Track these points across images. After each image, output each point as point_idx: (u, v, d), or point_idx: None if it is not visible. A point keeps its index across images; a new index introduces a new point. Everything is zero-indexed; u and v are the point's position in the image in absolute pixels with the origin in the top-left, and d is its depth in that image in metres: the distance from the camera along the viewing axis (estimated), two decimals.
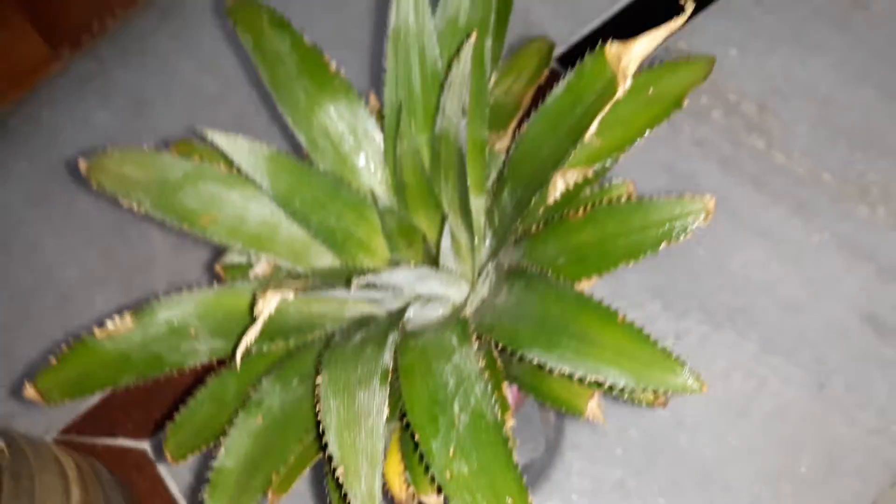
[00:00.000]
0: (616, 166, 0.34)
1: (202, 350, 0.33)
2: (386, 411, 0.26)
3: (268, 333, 0.33)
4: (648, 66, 0.33)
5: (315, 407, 0.28)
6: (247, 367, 0.34)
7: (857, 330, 0.52)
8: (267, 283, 0.34)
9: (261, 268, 0.36)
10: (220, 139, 0.33)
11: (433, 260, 0.34)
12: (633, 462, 0.51)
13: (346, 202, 0.35)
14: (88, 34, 0.66)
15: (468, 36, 0.30)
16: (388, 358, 0.28)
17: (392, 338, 0.29)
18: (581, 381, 0.28)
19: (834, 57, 0.60)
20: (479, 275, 0.34)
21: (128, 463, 0.54)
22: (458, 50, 0.30)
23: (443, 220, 0.33)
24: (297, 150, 0.38)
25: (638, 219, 0.30)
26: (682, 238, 0.30)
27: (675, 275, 0.56)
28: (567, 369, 0.28)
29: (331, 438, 0.26)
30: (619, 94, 0.27)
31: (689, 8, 0.28)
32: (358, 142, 0.36)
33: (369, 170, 0.36)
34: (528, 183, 0.31)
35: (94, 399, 0.57)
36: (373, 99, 0.39)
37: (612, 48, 0.28)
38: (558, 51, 0.63)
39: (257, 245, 0.35)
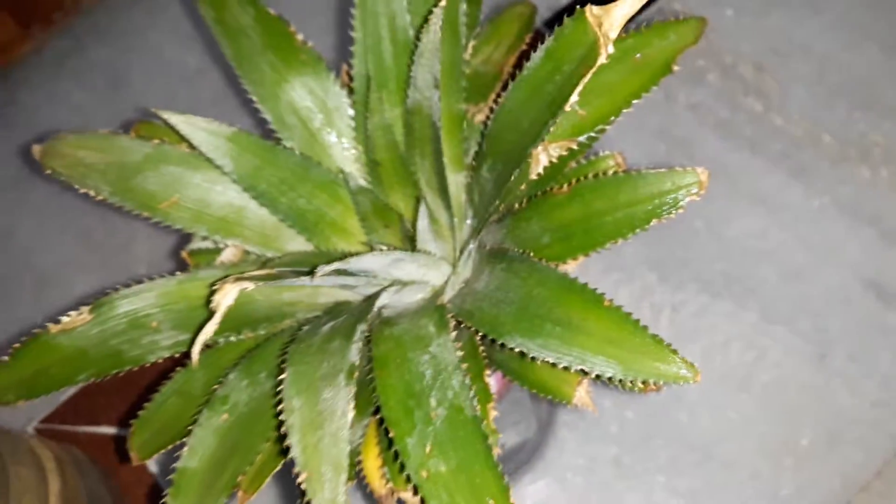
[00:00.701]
0: (608, 135, 0.32)
1: (164, 344, 0.31)
2: (351, 412, 0.24)
3: (233, 324, 0.31)
4: (636, 28, 0.31)
5: (277, 406, 0.26)
6: (215, 359, 0.32)
7: (859, 297, 0.50)
8: (227, 273, 0.32)
9: (228, 254, 0.34)
10: (176, 120, 0.31)
11: (412, 241, 0.32)
12: (628, 439, 0.49)
13: (316, 182, 0.33)
14: (61, 11, 0.63)
15: (439, 2, 0.28)
16: (354, 352, 0.26)
17: (360, 330, 0.27)
18: (566, 369, 0.26)
19: (832, 14, 0.57)
20: (461, 255, 0.32)
21: (110, 450, 0.53)
22: (428, 17, 0.27)
23: (418, 199, 0.31)
24: (266, 129, 0.35)
25: (626, 194, 0.28)
26: (673, 214, 0.28)
27: (672, 245, 0.53)
28: (551, 358, 0.26)
29: (293, 441, 0.24)
30: (601, 60, 0.25)
31: None
32: (329, 117, 0.34)
33: (341, 147, 0.34)
34: (507, 158, 0.29)
35: (75, 386, 0.55)
36: (346, 71, 0.37)
37: (592, 11, 0.25)
38: (546, 14, 0.60)
39: (223, 230, 0.33)
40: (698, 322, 0.51)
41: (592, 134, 0.29)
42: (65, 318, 0.31)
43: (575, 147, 0.29)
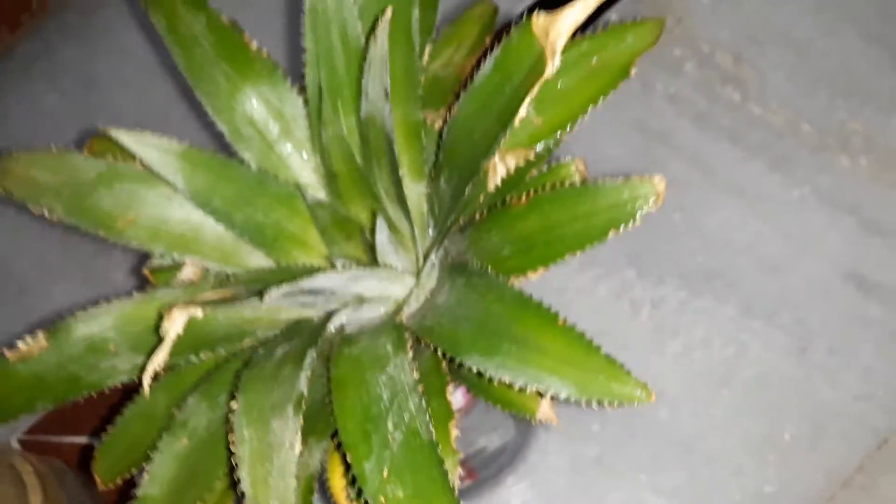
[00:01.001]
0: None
1: (123, 368, 0.30)
2: (299, 446, 0.24)
3: (191, 345, 0.30)
4: (593, 31, 0.30)
5: (227, 437, 0.25)
6: (175, 381, 0.31)
7: (839, 288, 0.50)
8: (186, 292, 0.31)
9: (188, 272, 0.33)
10: (125, 138, 0.30)
11: (374, 251, 0.32)
12: (611, 438, 0.49)
13: (273, 196, 0.32)
14: (28, 13, 0.62)
15: (392, 10, 0.27)
16: (303, 381, 0.25)
17: (311, 356, 0.26)
18: (522, 390, 0.25)
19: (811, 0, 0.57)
20: (424, 266, 0.31)
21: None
22: (373, 28, 0.27)
23: (374, 213, 0.30)
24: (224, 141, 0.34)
25: (583, 205, 0.27)
26: (630, 224, 0.27)
27: (650, 239, 0.53)
28: (507, 378, 0.25)
29: (243, 474, 0.24)
30: (549, 71, 0.24)
31: None
32: (286, 127, 0.33)
33: (300, 158, 0.33)
34: (462, 170, 0.28)
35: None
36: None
37: (538, 20, 0.25)
38: (526, 1, 0.59)
39: (181, 247, 0.32)
40: (679, 318, 0.51)
41: (550, 142, 0.29)
42: (21, 345, 0.31)
43: (532, 157, 0.29)
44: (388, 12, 0.26)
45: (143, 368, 0.31)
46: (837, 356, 0.48)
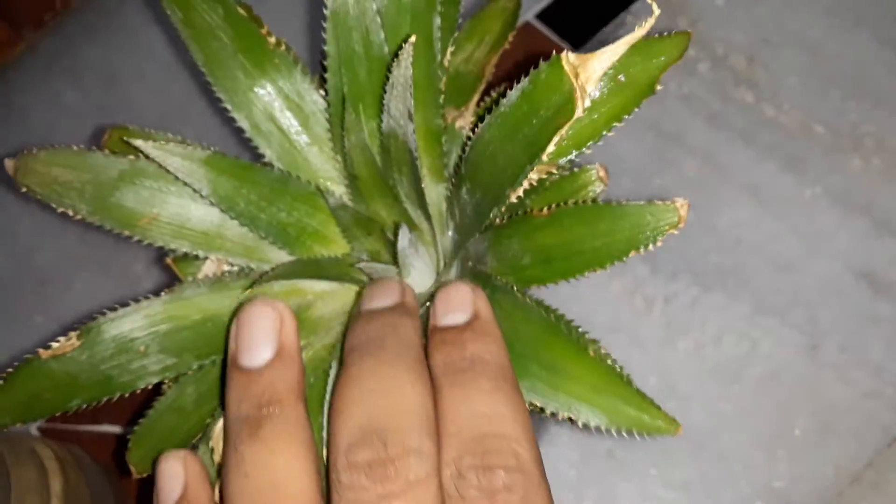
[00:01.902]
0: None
1: (152, 370, 0.31)
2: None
3: (216, 344, 0.31)
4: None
5: None
6: (203, 375, 0.32)
7: (851, 287, 0.50)
8: (212, 288, 0.32)
9: (210, 266, 0.34)
10: (148, 147, 0.30)
11: (394, 247, 0.32)
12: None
13: (295, 195, 0.32)
14: (51, 12, 0.63)
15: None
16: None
17: (334, 367, 0.28)
18: (553, 415, 0.27)
19: (825, 3, 0.57)
20: (444, 269, 0.32)
21: (111, 449, 0.53)
22: (397, 53, 0.27)
23: (396, 224, 0.31)
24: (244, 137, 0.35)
25: (605, 224, 0.28)
26: (651, 247, 0.28)
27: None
28: (538, 402, 0.27)
29: None
30: (578, 113, 0.25)
31: (655, 12, 0.25)
32: (305, 123, 0.33)
33: (321, 155, 0.34)
34: (485, 190, 0.28)
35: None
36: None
37: (568, 59, 0.25)
38: (539, 6, 0.60)
39: (205, 245, 0.33)
40: (691, 314, 0.52)
41: (573, 157, 0.29)
42: (54, 344, 0.31)
43: (555, 172, 0.29)
44: (412, 39, 0.27)
45: (172, 369, 0.32)
46: (848, 354, 0.49)
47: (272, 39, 0.33)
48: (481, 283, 0.30)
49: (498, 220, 0.30)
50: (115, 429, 0.54)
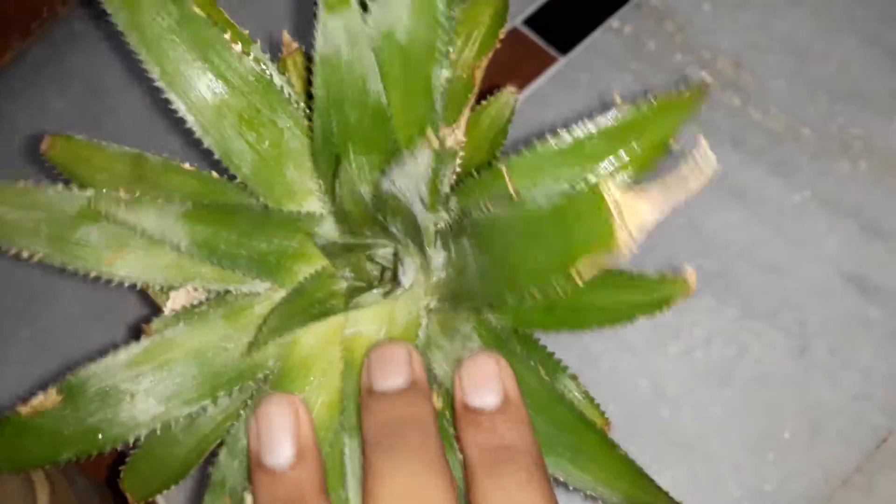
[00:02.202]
0: None
1: (142, 419, 0.30)
2: None
3: (207, 388, 0.31)
4: (633, 102, 0.29)
5: None
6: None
7: (840, 290, 0.50)
8: (192, 322, 0.31)
9: (181, 296, 0.33)
10: (123, 214, 0.28)
11: (380, 275, 0.32)
12: (612, 436, 0.49)
13: (277, 225, 0.31)
14: (38, 20, 0.63)
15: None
16: None
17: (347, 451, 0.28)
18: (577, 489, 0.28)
19: (811, 5, 0.57)
20: (433, 298, 0.32)
21: (102, 464, 0.53)
22: (412, 145, 0.26)
23: (395, 253, 0.31)
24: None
25: (615, 290, 0.28)
26: (657, 314, 0.29)
27: (652, 241, 0.53)
28: (561, 477, 0.28)
29: None
30: (624, 257, 0.23)
31: (710, 161, 0.23)
32: (277, 139, 0.32)
33: (298, 170, 0.32)
34: (497, 264, 0.27)
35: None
36: (293, 57, 0.35)
37: (612, 197, 0.22)
38: (526, 12, 0.60)
39: (179, 276, 0.31)
40: (680, 318, 0.52)
41: None
42: (33, 401, 0.30)
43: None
44: (429, 134, 0.26)
45: (162, 417, 0.31)
46: (837, 357, 0.49)
47: (237, 48, 0.31)
48: (495, 343, 0.30)
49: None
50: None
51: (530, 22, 0.60)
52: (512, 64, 0.58)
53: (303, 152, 0.33)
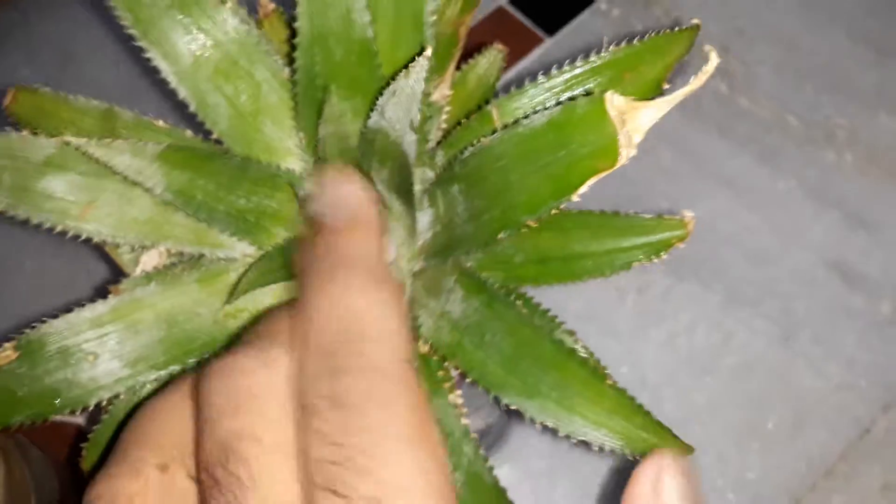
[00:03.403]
0: None
1: (104, 382, 0.28)
2: None
3: (179, 351, 0.28)
4: (628, 41, 0.28)
5: None
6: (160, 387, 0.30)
7: (824, 279, 0.50)
8: (165, 282, 0.29)
9: (151, 257, 0.31)
10: (94, 149, 0.26)
11: None
12: None
13: (255, 180, 0.29)
14: None
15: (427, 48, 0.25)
16: None
17: None
18: (567, 437, 0.25)
19: None
20: (423, 265, 0.30)
21: (60, 439, 0.50)
22: (406, 65, 0.24)
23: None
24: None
25: (611, 235, 0.27)
26: (654, 259, 0.27)
27: None
28: (550, 423, 0.25)
29: None
30: (622, 162, 0.23)
31: (713, 61, 0.22)
32: (255, 93, 0.30)
33: (276, 126, 0.30)
34: (490, 202, 0.26)
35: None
36: (270, 20, 0.33)
37: (614, 102, 0.22)
38: None
39: (152, 235, 0.29)
40: (664, 305, 0.50)
41: None
42: None
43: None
44: (429, 51, 0.24)
45: (125, 381, 0.28)
46: (821, 345, 0.48)
47: None
48: (473, 285, 0.28)
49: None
50: (63, 418, 0.51)
51: (516, 1, 0.59)
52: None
53: (281, 108, 0.31)
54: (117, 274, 0.35)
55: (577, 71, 0.27)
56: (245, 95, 0.29)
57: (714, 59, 0.22)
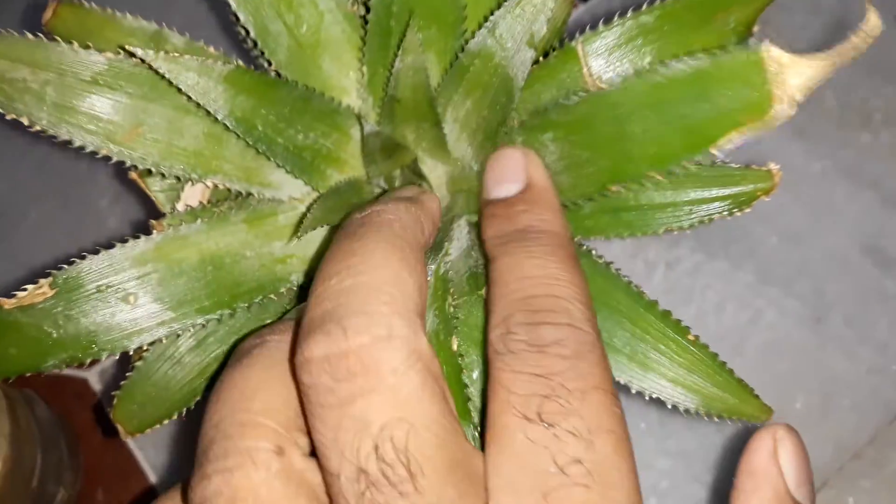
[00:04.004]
0: None
1: (145, 325, 0.26)
2: None
3: (225, 297, 0.27)
4: None
5: None
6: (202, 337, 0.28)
7: (857, 261, 0.49)
8: (211, 220, 0.27)
9: (193, 193, 0.29)
10: (160, 63, 0.24)
11: (413, 171, 0.29)
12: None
13: (316, 114, 0.27)
14: None
15: None
16: None
17: None
18: (640, 394, 0.24)
19: None
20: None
21: (67, 394, 0.48)
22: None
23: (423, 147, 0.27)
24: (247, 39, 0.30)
25: (692, 185, 0.25)
26: (737, 213, 0.26)
27: None
28: (622, 380, 0.24)
29: None
30: (777, 123, 0.21)
31: (875, 23, 0.21)
32: (319, 22, 0.28)
33: (337, 63, 0.29)
34: (597, 153, 0.24)
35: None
36: None
37: (772, 54, 0.20)
38: None
39: (200, 167, 0.27)
40: (693, 281, 0.49)
41: None
42: (20, 293, 0.26)
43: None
44: None
45: (169, 324, 0.27)
46: (853, 328, 0.47)
47: None
48: None
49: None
50: (70, 372, 0.49)
51: None
52: None
53: (343, 42, 0.29)
54: (126, 230, 0.33)
55: (668, 7, 0.26)
56: (307, 25, 0.28)
57: (876, 21, 0.20)
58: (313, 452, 0.20)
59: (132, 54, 0.24)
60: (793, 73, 0.20)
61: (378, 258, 0.20)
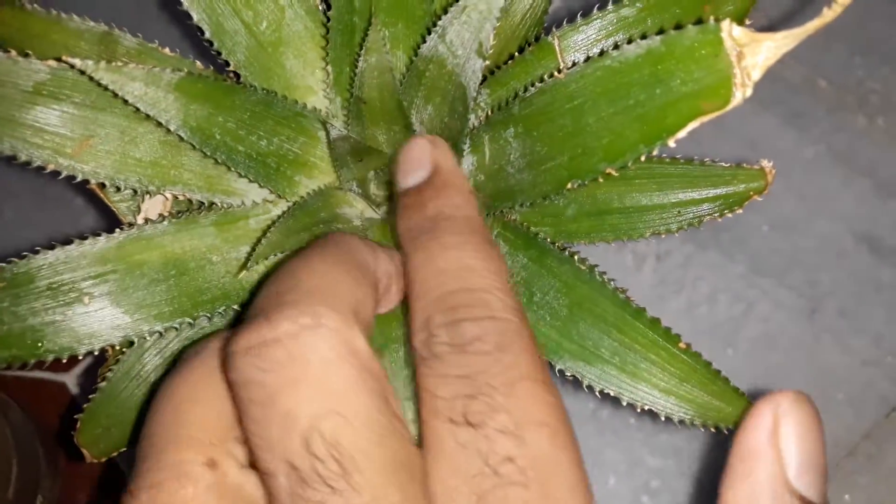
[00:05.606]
0: None
1: (98, 328, 0.24)
2: None
3: (189, 305, 0.25)
4: None
5: None
6: (163, 346, 0.26)
7: (852, 250, 0.47)
8: (171, 229, 0.25)
9: (154, 205, 0.27)
10: (102, 74, 0.22)
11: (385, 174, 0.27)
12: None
13: (278, 119, 0.25)
14: None
15: None
16: None
17: None
18: (631, 406, 0.22)
19: None
20: None
21: (43, 397, 0.47)
22: None
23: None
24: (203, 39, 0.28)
25: (679, 186, 0.23)
26: (728, 214, 0.24)
27: None
28: (612, 391, 0.23)
29: None
30: (735, 103, 0.19)
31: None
32: (279, 18, 0.26)
33: (300, 61, 0.27)
34: (554, 149, 0.22)
35: None
36: None
37: (731, 32, 0.18)
38: None
39: (158, 178, 0.26)
40: (684, 272, 0.47)
41: None
42: None
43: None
44: None
45: (124, 329, 0.25)
46: (848, 320, 0.45)
47: None
48: (521, 240, 0.25)
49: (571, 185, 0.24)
50: (47, 375, 0.48)
51: None
52: None
53: (307, 38, 0.27)
54: (108, 228, 0.31)
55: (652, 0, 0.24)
56: (266, 22, 0.26)
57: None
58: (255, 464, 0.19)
59: (69, 64, 0.22)
60: (750, 52, 0.18)
61: (317, 264, 0.20)
